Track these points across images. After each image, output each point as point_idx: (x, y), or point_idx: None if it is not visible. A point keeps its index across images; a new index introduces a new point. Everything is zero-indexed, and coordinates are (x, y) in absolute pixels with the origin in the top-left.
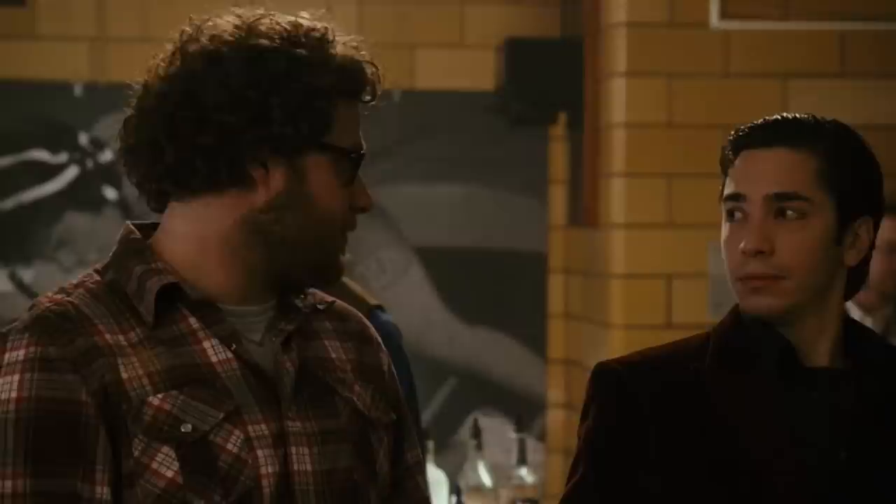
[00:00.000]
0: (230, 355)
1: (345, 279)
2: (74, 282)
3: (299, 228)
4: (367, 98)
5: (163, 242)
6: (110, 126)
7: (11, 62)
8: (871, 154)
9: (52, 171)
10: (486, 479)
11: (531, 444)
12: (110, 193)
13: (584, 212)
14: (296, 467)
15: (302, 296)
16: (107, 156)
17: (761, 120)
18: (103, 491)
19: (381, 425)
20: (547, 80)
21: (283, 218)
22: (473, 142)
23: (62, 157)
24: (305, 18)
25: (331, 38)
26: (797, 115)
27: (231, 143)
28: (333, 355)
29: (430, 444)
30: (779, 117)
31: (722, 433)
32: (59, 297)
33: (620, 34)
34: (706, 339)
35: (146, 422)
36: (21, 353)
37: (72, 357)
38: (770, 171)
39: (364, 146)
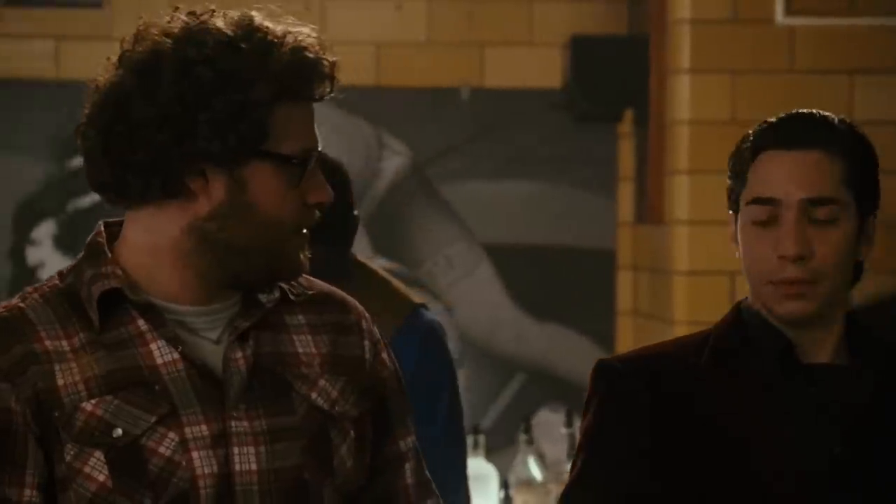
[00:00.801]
0: (177, 356)
1: (388, 277)
2: (37, 285)
3: (246, 234)
4: (319, 96)
5: (121, 247)
6: None
7: (89, 63)
8: (874, 150)
9: None
10: (536, 473)
11: None
12: None
13: (650, 209)
14: (238, 467)
15: (268, 291)
16: None
17: (776, 118)
18: (32, 494)
19: (347, 419)
20: (613, 77)
21: (227, 226)
22: (541, 139)
23: None
24: (256, 18)
25: (277, 38)
26: (814, 113)
27: (162, 159)
28: (300, 349)
29: (482, 439)
30: (799, 116)
31: (716, 428)
32: (14, 302)
33: (685, 31)
34: (707, 336)
35: (78, 427)
36: None
37: (6, 367)
38: (803, 174)
39: (315, 144)
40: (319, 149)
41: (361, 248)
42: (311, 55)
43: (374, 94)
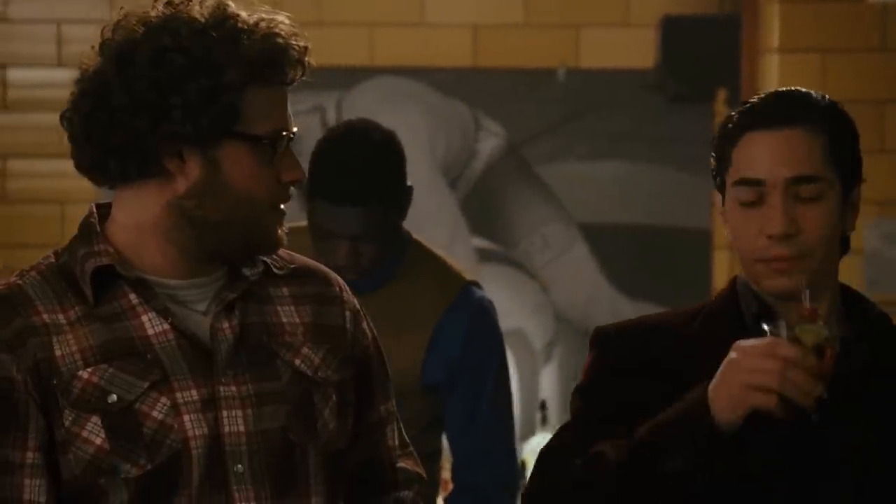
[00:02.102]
0: (167, 327)
1: (442, 256)
2: (34, 263)
3: (222, 211)
4: (290, 80)
5: (111, 226)
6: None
7: None
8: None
9: None
10: None
11: None
12: None
13: None
14: (227, 429)
15: (251, 264)
16: None
17: (757, 98)
18: (35, 456)
19: (330, 384)
20: (704, 57)
21: (204, 203)
22: (636, 119)
23: None
24: (230, 6)
25: (249, 25)
26: (794, 90)
27: (139, 143)
28: (284, 319)
29: (550, 415)
30: (777, 95)
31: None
32: (13, 279)
33: (775, 10)
34: (703, 307)
35: (75, 394)
36: None
37: (7, 338)
38: (786, 154)
39: (286, 125)
40: (294, 129)
41: (459, 228)
42: (281, 41)
43: (471, 75)
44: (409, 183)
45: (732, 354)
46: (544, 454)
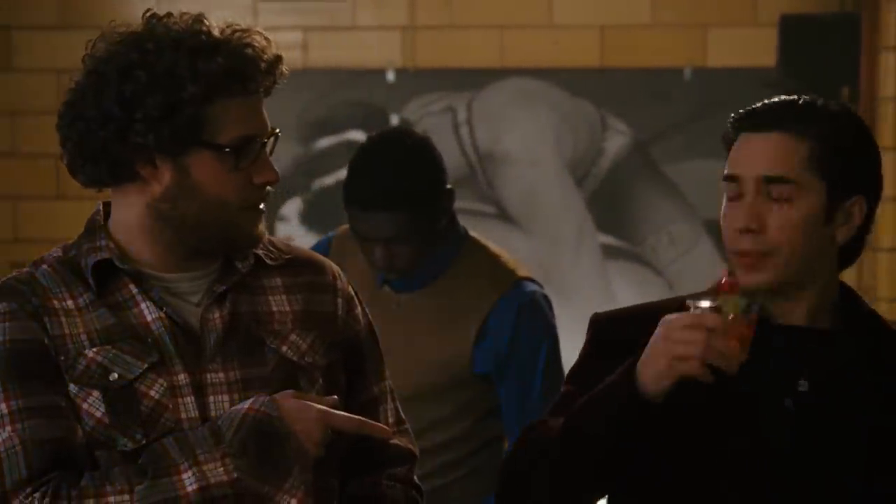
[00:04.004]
0: (163, 315)
1: (497, 252)
2: (44, 256)
3: (194, 212)
4: (254, 90)
5: (112, 223)
6: (418, 108)
7: (333, 52)
8: (869, 135)
9: None
10: None
11: None
12: None
13: None
14: (213, 413)
15: (242, 258)
16: None
17: (761, 103)
18: (69, 402)
19: (316, 368)
20: (825, 55)
21: (178, 205)
22: None
23: None
24: (204, 22)
25: (215, 40)
26: (799, 99)
27: (108, 151)
28: (275, 308)
29: None
30: (777, 101)
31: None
32: (25, 270)
33: (893, 8)
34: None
35: (80, 371)
36: None
37: (30, 310)
38: (761, 154)
39: (257, 130)
40: (270, 132)
41: (585, 225)
42: (249, 53)
43: (598, 75)
44: (448, 186)
45: (659, 329)
46: (524, 430)
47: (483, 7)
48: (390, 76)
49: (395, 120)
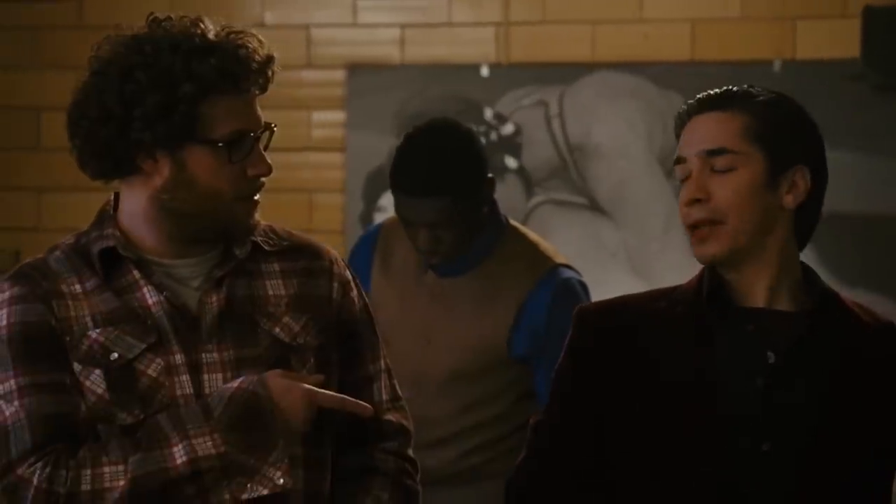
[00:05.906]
0: (163, 299)
1: (537, 240)
2: (58, 243)
3: (191, 202)
4: (246, 89)
5: (120, 213)
6: (512, 102)
7: (429, 48)
8: (803, 112)
9: None
10: None
11: None
12: (511, 163)
13: None
14: (207, 391)
15: (240, 244)
16: (508, 129)
17: (703, 93)
18: (73, 380)
19: (308, 349)
20: None
21: (176, 196)
22: (847, 108)
23: None
24: (201, 25)
25: (210, 42)
26: (736, 87)
27: (110, 147)
28: (270, 292)
29: None
30: (717, 90)
31: (649, 364)
32: (40, 256)
33: None
34: (680, 285)
35: (83, 350)
36: (6, 294)
37: (41, 293)
38: (703, 132)
39: (249, 126)
40: (264, 127)
41: (674, 217)
42: (242, 53)
43: (688, 68)
44: (489, 174)
45: None
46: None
47: (574, 3)
48: (484, 71)
49: (488, 114)
